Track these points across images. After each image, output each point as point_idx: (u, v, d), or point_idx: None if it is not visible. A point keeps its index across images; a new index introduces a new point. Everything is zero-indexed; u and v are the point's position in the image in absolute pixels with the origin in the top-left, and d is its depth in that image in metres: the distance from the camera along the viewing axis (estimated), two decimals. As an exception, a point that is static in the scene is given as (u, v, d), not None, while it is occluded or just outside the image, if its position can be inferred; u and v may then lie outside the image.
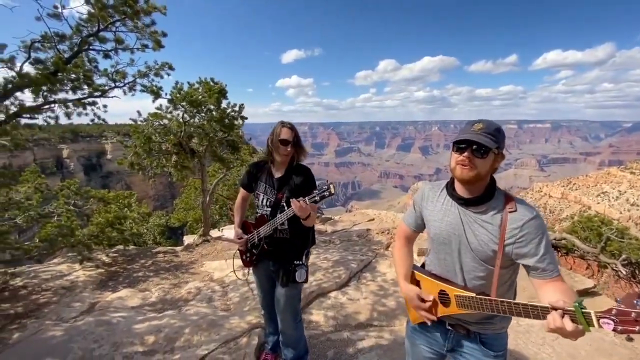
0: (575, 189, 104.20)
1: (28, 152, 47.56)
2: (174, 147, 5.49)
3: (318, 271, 4.07)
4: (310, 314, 3.38)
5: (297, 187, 1.98)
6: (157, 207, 42.47)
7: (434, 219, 1.42)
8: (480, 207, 1.30)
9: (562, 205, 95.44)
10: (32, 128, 3.86)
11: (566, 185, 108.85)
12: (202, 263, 4.90)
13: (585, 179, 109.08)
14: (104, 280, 4.51)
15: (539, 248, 1.19)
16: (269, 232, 2.01)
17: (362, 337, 3.01)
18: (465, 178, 1.27)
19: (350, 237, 5.39)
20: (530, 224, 1.21)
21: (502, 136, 1.27)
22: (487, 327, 1.37)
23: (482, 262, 1.29)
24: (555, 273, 1.19)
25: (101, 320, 3.21)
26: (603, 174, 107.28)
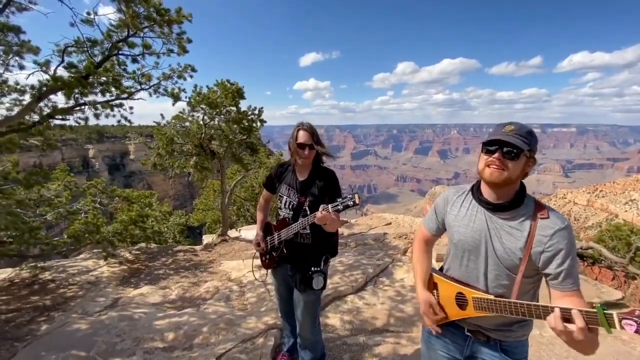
0: (602, 196, 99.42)
1: (57, 152, 49.89)
2: (194, 148, 5.64)
3: (335, 274, 4.06)
4: (327, 317, 3.37)
5: (321, 191, 1.93)
6: (177, 207, 43.55)
7: (459, 225, 1.39)
8: (508, 213, 1.26)
9: (588, 212, 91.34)
10: (64, 129, 4.05)
11: (592, 192, 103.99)
12: (220, 262, 4.98)
13: (613, 185, 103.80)
14: (126, 277, 4.66)
15: (566, 260, 1.16)
16: (290, 236, 1.97)
17: (379, 342, 2.98)
18: (495, 181, 1.23)
19: (366, 240, 5.35)
20: (560, 233, 1.17)
21: (535, 139, 1.23)
22: (508, 335, 1.33)
23: (506, 269, 1.26)
24: (576, 287, 1.16)
25: (124, 316, 3.32)
26: (632, 180, 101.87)
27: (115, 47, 3.75)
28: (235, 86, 5.87)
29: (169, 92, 4.72)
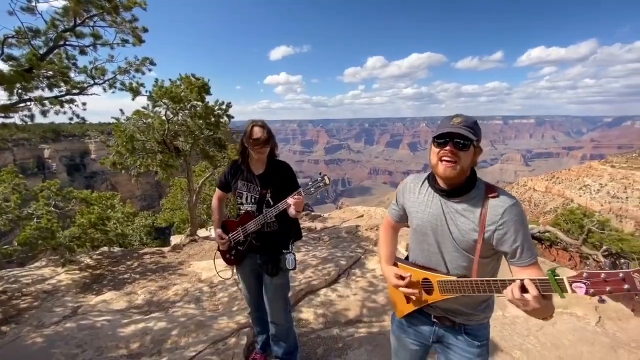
0: (558, 183, 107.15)
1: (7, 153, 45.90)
2: (158, 145, 5.37)
3: (307, 268, 4.06)
4: (300, 311, 3.36)
5: (281, 182, 2.03)
6: (145, 207, 41.74)
7: (416, 210, 1.43)
8: (461, 198, 1.31)
9: (546, 198, 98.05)
10: (6, 127, 3.70)
11: (550, 179, 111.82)
12: (190, 263, 4.82)
13: (568, 172, 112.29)
14: (87, 284, 4.39)
15: (518, 235, 1.21)
16: (258, 227, 2.04)
17: (352, 333, 3.02)
18: (449, 176, 1.27)
19: (340, 234, 5.39)
20: (510, 210, 1.23)
21: (480, 130, 1.29)
22: (471, 318, 1.40)
23: (463, 251, 1.30)
24: (533, 259, 1.21)
25: (84, 325, 3.13)
26: (585, 167, 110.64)
27: (61, 38, 3.45)
28: (201, 81, 5.64)
29: (128, 86, 4.44)
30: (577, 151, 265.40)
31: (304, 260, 4.31)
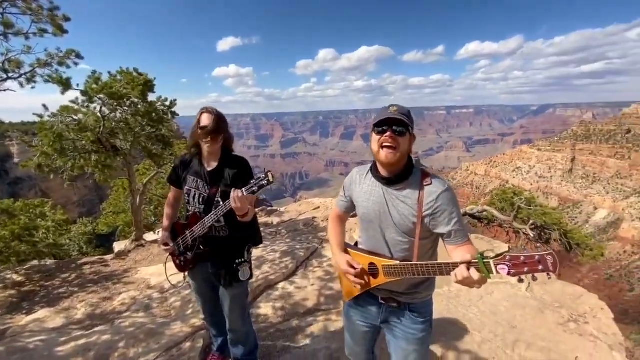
0: (495, 167, 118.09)
1: None
2: (92, 144, 4.86)
3: (264, 264, 4.02)
4: (259, 307, 3.33)
5: (234, 179, 1.82)
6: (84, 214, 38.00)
7: (362, 200, 1.51)
8: (400, 185, 1.40)
9: (486, 181, 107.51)
10: None
11: (488, 163, 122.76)
12: (137, 270, 4.51)
13: (503, 157, 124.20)
14: (15, 303, 3.91)
15: (452, 217, 1.33)
16: (204, 231, 1.84)
17: (311, 322, 3.06)
18: (390, 162, 1.35)
19: (297, 226, 5.41)
20: (443, 195, 1.34)
21: (412, 118, 1.39)
22: (415, 297, 1.50)
23: (404, 234, 1.40)
24: (465, 238, 1.34)
25: (14, 348, 2.78)
26: (516, 152, 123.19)
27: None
28: (144, 77, 5.18)
29: (56, 78, 3.93)
30: (510, 137, 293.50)
31: (261, 256, 4.26)
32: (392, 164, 1.36)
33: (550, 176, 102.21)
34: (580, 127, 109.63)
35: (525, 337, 2.77)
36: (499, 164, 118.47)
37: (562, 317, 3.04)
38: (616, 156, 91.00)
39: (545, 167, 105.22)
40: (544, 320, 2.99)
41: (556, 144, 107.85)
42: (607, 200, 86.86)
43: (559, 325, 2.93)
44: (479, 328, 2.89)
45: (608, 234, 78.71)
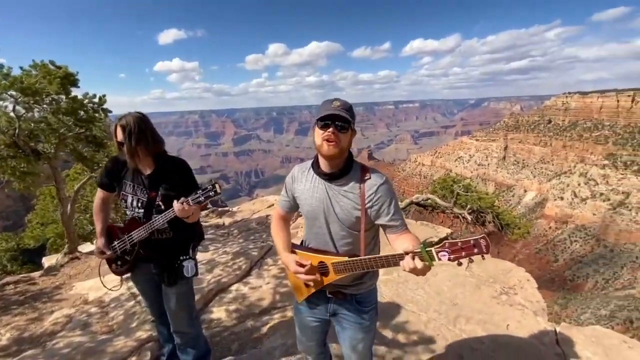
0: (440, 157, 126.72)
1: None
2: (7, 149, 4.25)
3: (216, 267, 3.89)
4: (211, 312, 3.22)
5: (174, 183, 1.79)
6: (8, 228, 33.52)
7: (305, 197, 1.51)
8: (341, 180, 1.43)
9: (432, 171, 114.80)
10: None
11: (434, 154, 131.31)
12: (72, 285, 4.08)
13: (446, 147, 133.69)
14: None
15: (390, 208, 1.40)
16: (145, 235, 1.78)
17: (266, 321, 3.04)
18: (331, 154, 1.37)
19: (250, 225, 5.29)
20: (382, 187, 1.40)
21: (354, 114, 1.41)
22: (360, 287, 1.55)
23: (348, 229, 1.44)
24: (404, 227, 1.41)
25: None
26: (458, 142, 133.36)
27: None
28: (64, 70, 4.63)
29: None
30: (452, 129, 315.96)
31: (212, 259, 4.11)
32: (333, 156, 1.38)
33: (487, 164, 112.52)
34: (511, 119, 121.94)
35: (465, 312, 3.03)
36: (443, 154, 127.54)
37: (495, 290, 3.38)
38: (540, 144, 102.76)
39: (482, 155, 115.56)
40: (481, 295, 3.30)
41: (491, 135, 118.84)
42: (534, 183, 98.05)
43: (492, 298, 3.25)
44: (425, 308, 3.10)
45: (536, 213, 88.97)
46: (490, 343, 2.63)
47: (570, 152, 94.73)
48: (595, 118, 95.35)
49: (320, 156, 1.44)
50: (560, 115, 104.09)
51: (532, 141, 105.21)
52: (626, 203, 75.21)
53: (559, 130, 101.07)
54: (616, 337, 2.71)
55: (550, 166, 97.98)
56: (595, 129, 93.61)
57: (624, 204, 75.33)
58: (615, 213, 74.94)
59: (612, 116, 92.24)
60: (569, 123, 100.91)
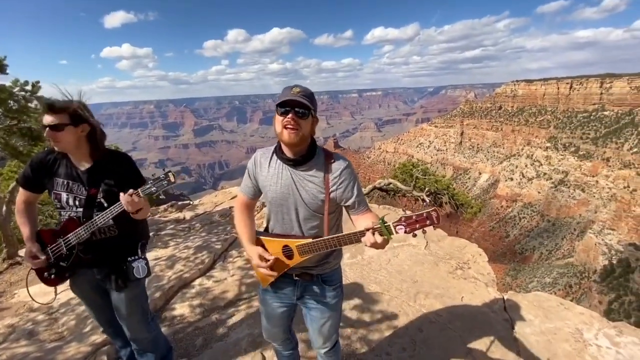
0: (402, 144, 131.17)
1: None
2: None
3: (177, 262, 3.74)
4: (173, 309, 3.11)
5: (118, 177, 1.64)
6: None
7: (269, 183, 1.50)
8: (306, 166, 1.45)
9: (396, 157, 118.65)
10: None
11: (396, 141, 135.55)
12: (14, 293, 3.72)
13: (408, 134, 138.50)
14: None
15: (353, 190, 1.45)
16: (85, 236, 1.63)
17: (232, 313, 3.00)
18: (292, 141, 1.38)
19: (213, 218, 5.14)
20: (345, 171, 1.45)
21: (315, 101, 1.41)
22: (326, 267, 1.59)
23: (314, 212, 1.47)
24: (366, 207, 1.48)
25: None
26: (418, 129, 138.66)
27: None
28: None
29: None
30: (412, 116, 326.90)
31: (173, 255, 3.95)
32: (294, 144, 1.39)
33: (445, 149, 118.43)
34: (466, 106, 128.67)
35: (424, 288, 3.20)
36: (405, 141, 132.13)
37: (451, 266, 3.60)
38: (492, 129, 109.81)
39: (441, 141, 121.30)
40: (438, 271, 3.50)
41: (449, 121, 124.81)
42: (487, 166, 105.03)
43: (449, 273, 3.46)
44: (387, 288, 3.23)
45: (490, 194, 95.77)
46: (447, 315, 2.81)
47: (518, 136, 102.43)
48: (539, 104, 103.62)
49: (282, 143, 1.44)
50: (509, 101, 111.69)
51: (485, 127, 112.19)
52: (565, 181, 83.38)
53: (509, 116, 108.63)
54: (554, 300, 3.02)
55: (502, 149, 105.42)
56: (539, 114, 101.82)
57: (563, 182, 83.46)
58: (556, 190, 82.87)
59: (553, 102, 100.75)
60: (517, 109, 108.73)
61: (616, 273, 48.73)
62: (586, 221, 73.20)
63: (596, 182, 77.29)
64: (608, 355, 2.33)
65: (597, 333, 2.53)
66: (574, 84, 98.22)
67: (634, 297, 43.61)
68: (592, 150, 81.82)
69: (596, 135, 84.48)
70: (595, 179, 77.83)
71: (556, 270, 63.25)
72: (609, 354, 2.34)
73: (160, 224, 5.03)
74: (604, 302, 45.68)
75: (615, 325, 2.63)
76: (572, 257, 65.79)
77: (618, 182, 72.35)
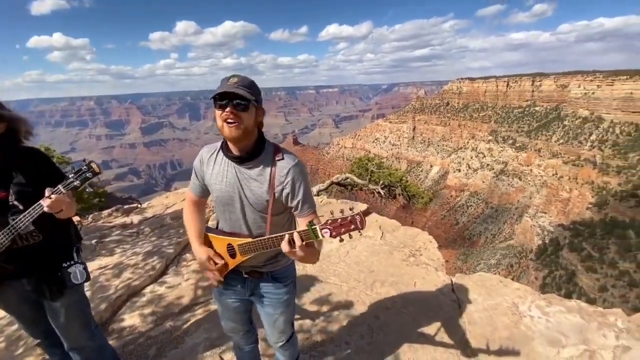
0: (360, 139, 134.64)
1: None
2: None
3: (125, 270, 3.49)
4: (122, 320, 2.90)
5: (31, 176, 1.49)
6: None
7: (214, 182, 1.45)
8: (252, 163, 1.38)
9: (354, 153, 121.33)
10: None
11: (354, 137, 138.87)
12: None
13: (365, 130, 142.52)
14: None
15: (299, 191, 1.39)
16: (6, 243, 1.44)
17: (188, 319, 2.88)
18: (234, 136, 1.30)
19: (164, 221, 4.86)
20: (293, 169, 1.38)
21: (258, 90, 1.34)
22: (276, 265, 1.57)
23: (260, 212, 1.42)
24: (311, 210, 1.43)
25: None
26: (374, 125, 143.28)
27: None
28: None
29: None
30: (368, 113, 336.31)
31: (120, 262, 3.67)
32: (237, 139, 1.32)
33: (399, 144, 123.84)
34: (417, 102, 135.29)
35: (380, 277, 3.33)
36: (362, 136, 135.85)
37: (405, 254, 3.78)
38: (441, 124, 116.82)
39: (395, 136, 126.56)
40: (393, 260, 3.66)
41: (402, 117, 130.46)
42: (437, 159, 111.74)
43: (403, 261, 3.63)
44: (346, 279, 3.31)
45: (440, 185, 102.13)
46: (401, 300, 2.95)
47: (464, 130, 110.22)
48: (482, 100, 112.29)
49: (226, 139, 1.37)
50: (455, 98, 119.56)
51: (434, 122, 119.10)
52: (505, 171, 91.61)
53: (455, 112, 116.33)
54: (495, 279, 3.31)
55: (450, 143, 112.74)
56: (482, 109, 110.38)
57: (503, 171, 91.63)
58: (497, 180, 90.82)
59: (493, 99, 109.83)
60: (463, 105, 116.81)
61: (548, 251, 54.94)
62: (523, 206, 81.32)
63: (530, 170, 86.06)
64: (539, 324, 2.62)
65: (530, 305, 2.83)
66: (510, 82, 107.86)
67: (563, 271, 49.51)
68: (527, 142, 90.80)
69: (529, 129, 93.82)
70: (529, 168, 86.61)
71: (499, 252, 69.65)
72: (540, 323, 2.63)
73: (104, 230, 4.65)
74: (539, 277, 51.32)
75: (545, 297, 2.96)
76: (512, 240, 72.91)
77: (548, 170, 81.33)
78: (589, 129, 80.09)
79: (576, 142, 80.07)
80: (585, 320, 2.60)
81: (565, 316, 2.66)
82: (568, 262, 49.17)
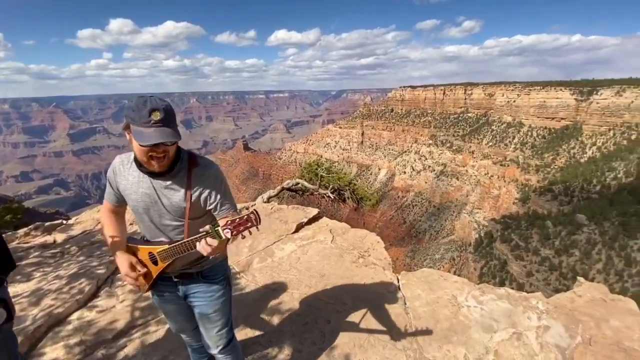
0: (311, 144, 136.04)
1: None
2: None
3: (45, 297, 3.06)
4: (43, 354, 2.53)
5: None
6: None
7: (130, 192, 1.44)
8: (167, 176, 1.40)
9: (306, 157, 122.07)
10: None
11: (306, 142, 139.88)
12: None
13: (316, 135, 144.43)
14: None
15: (217, 193, 1.44)
16: None
17: (124, 345, 2.61)
18: (163, 170, 1.35)
19: (94, 238, 4.37)
20: (208, 175, 1.43)
21: (175, 115, 1.33)
22: (204, 264, 1.58)
23: (178, 218, 1.45)
24: (232, 210, 1.48)
25: None
26: (325, 130, 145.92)
27: None
28: None
29: None
30: (319, 118, 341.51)
31: (39, 288, 3.21)
32: (163, 172, 1.36)
33: (349, 148, 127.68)
34: (365, 109, 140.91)
35: (331, 280, 3.36)
36: (314, 141, 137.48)
37: (354, 256, 3.86)
38: (387, 129, 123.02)
39: (345, 141, 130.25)
40: (343, 262, 3.72)
41: (351, 123, 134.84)
42: (385, 162, 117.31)
43: (352, 263, 3.71)
44: (297, 286, 3.27)
45: (388, 187, 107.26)
46: (351, 302, 3.00)
47: (407, 135, 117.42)
48: (422, 107, 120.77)
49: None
50: (399, 105, 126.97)
51: (381, 127, 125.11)
52: (444, 172, 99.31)
53: (399, 118, 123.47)
54: (436, 274, 3.53)
55: (395, 147, 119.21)
56: (422, 115, 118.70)
57: (443, 172, 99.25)
58: (438, 180, 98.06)
59: (432, 105, 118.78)
60: (405, 111, 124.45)
61: (484, 243, 60.55)
62: (461, 204, 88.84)
63: (466, 171, 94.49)
64: (475, 312, 2.84)
65: (467, 296, 3.06)
66: (446, 90, 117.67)
67: (497, 261, 54.86)
68: (462, 145, 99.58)
69: (464, 133, 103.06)
70: (465, 169, 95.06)
71: (443, 247, 75.05)
72: (475, 311, 2.85)
73: (19, 253, 4.03)
74: (477, 268, 56.26)
75: (479, 287, 3.23)
76: (453, 235, 79.12)
77: (481, 170, 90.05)
78: (512, 133, 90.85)
79: (502, 144, 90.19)
80: (512, 305, 2.88)
81: (497, 303, 2.93)
82: (500, 252, 54.67)
